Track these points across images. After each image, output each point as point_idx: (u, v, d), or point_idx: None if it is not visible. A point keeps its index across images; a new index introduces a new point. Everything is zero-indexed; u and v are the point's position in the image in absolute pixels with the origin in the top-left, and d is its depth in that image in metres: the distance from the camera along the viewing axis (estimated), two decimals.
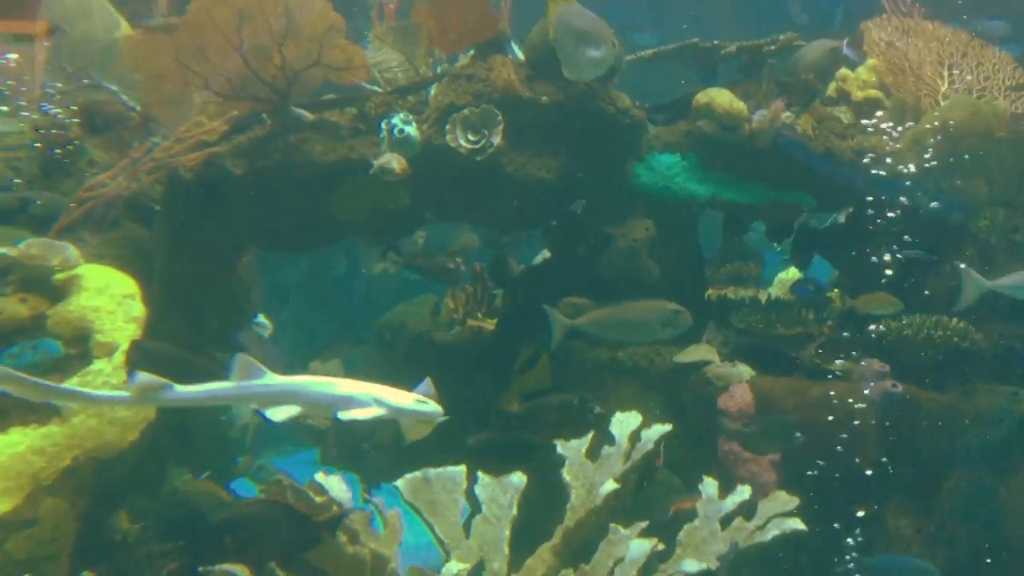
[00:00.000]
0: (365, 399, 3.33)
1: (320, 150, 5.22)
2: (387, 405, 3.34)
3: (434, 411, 3.43)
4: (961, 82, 6.10)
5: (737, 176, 5.70)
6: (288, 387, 3.36)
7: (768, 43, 5.86)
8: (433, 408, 3.43)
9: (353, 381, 3.43)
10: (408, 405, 3.41)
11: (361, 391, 3.37)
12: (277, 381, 3.35)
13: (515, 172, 5.34)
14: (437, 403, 3.47)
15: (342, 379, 3.48)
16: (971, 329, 5.26)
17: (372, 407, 3.32)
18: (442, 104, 5.27)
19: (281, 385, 3.35)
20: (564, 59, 4.44)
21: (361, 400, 3.32)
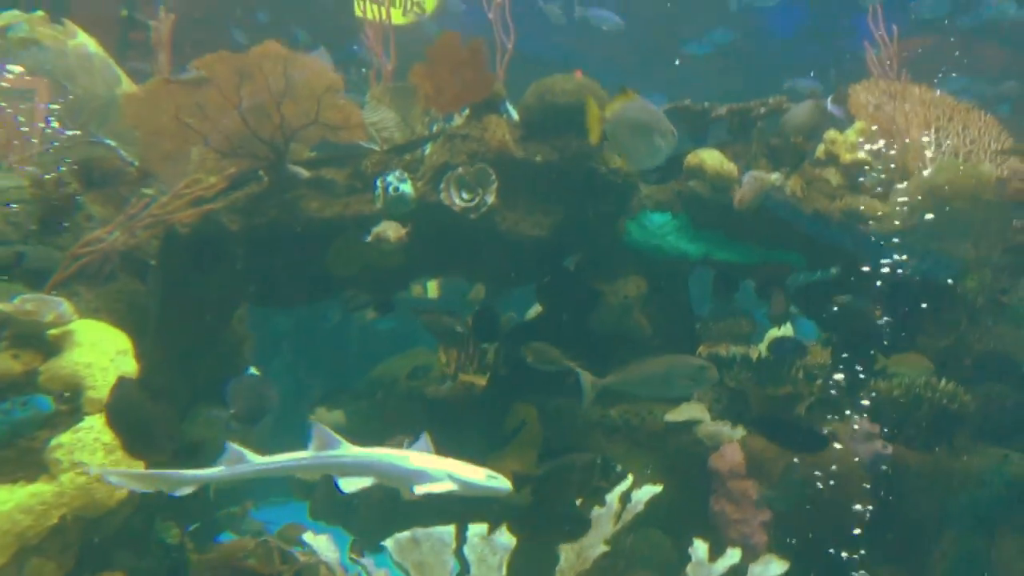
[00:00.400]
0: (439, 475, 3.39)
1: (316, 207, 5.29)
2: (459, 480, 3.40)
3: (503, 487, 3.48)
4: (947, 145, 6.21)
5: (727, 235, 5.77)
6: (363, 460, 3.44)
7: (758, 105, 5.96)
8: (502, 484, 3.48)
9: (423, 455, 3.48)
10: (479, 481, 3.46)
11: (434, 466, 3.42)
12: (353, 453, 3.42)
13: (508, 230, 5.39)
14: (505, 479, 3.52)
15: (413, 452, 3.51)
16: (960, 390, 5.29)
17: (445, 482, 3.38)
18: (437, 163, 5.35)
19: (357, 457, 3.42)
20: (625, 150, 4.54)
21: (435, 475, 3.39)
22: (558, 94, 5.47)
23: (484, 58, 5.47)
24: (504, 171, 5.30)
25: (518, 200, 5.44)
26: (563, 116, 5.45)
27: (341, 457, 3.42)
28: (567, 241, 5.76)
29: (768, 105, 5.98)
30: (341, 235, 5.32)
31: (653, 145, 4.34)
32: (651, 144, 4.34)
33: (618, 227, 5.72)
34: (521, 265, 5.78)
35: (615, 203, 5.70)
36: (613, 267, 5.72)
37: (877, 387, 5.36)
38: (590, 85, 5.57)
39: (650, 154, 4.46)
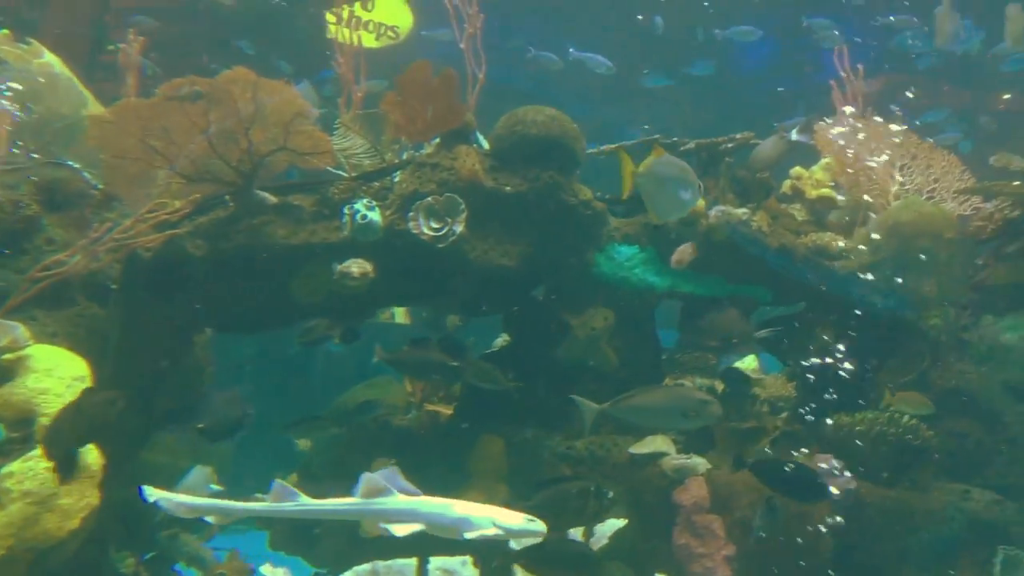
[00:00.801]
0: (483, 521, 3.51)
1: (282, 233, 5.25)
2: (502, 526, 3.52)
3: (540, 529, 3.60)
4: (911, 183, 6.30)
5: (695, 268, 5.79)
6: (410, 508, 3.55)
7: (725, 140, 6.01)
8: (539, 526, 3.59)
9: (465, 503, 3.61)
10: (520, 525, 3.58)
11: (477, 513, 3.56)
12: (400, 502, 3.53)
13: (477, 259, 5.39)
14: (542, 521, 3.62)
15: (455, 500, 3.63)
16: (922, 426, 5.33)
17: (489, 528, 3.50)
18: (406, 191, 5.33)
19: (404, 506, 3.54)
20: (652, 202, 4.66)
21: (479, 522, 3.51)
22: (529, 125, 5.49)
23: (455, 87, 5.48)
24: (474, 201, 5.30)
25: (488, 230, 5.44)
26: (534, 147, 5.49)
27: (389, 506, 3.53)
28: (536, 271, 5.76)
29: (736, 140, 6.03)
30: (307, 262, 5.27)
31: (679, 198, 4.53)
32: (677, 198, 4.52)
33: (587, 259, 5.72)
34: (490, 295, 5.76)
35: (584, 235, 5.71)
36: (581, 298, 5.72)
37: (841, 422, 5.38)
38: (561, 118, 5.60)
39: (676, 207, 4.65)
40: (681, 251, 5.41)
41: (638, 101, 11.06)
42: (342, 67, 5.84)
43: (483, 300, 5.82)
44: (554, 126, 5.53)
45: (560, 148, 5.54)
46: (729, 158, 5.96)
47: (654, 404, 4.91)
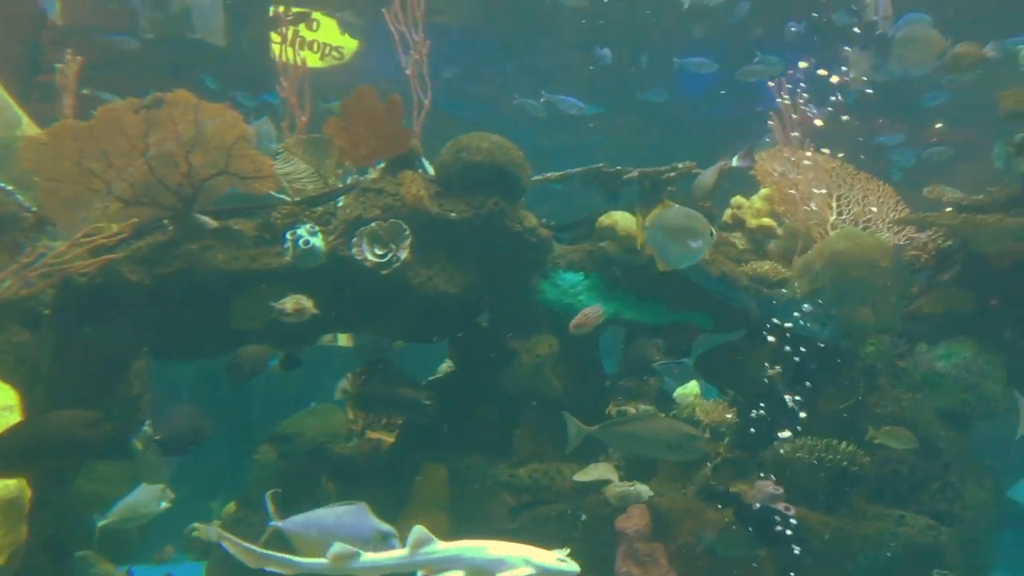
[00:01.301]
0: (517, 561, 3.63)
1: (222, 258, 5.17)
2: (535, 565, 3.62)
3: (573, 570, 3.68)
4: (848, 213, 6.44)
5: (638, 296, 5.84)
6: (452, 555, 3.68)
7: (668, 170, 6.08)
8: (572, 567, 3.68)
9: (499, 543, 3.73)
10: (553, 565, 3.66)
11: (512, 553, 3.68)
12: (442, 550, 3.68)
13: (421, 285, 5.35)
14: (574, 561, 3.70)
15: (489, 541, 3.75)
16: (860, 453, 5.42)
17: (524, 567, 3.61)
18: (350, 216, 5.29)
19: (447, 553, 3.68)
20: (662, 253, 4.72)
21: (513, 562, 3.63)
22: (474, 152, 5.50)
23: (401, 113, 5.47)
24: (419, 227, 5.27)
25: (432, 256, 5.42)
26: (479, 174, 5.49)
27: (434, 555, 3.67)
28: (481, 298, 5.76)
29: (678, 170, 6.10)
30: (248, 288, 5.19)
31: (688, 247, 4.61)
32: (686, 246, 4.61)
33: (532, 285, 5.73)
34: (434, 321, 5.73)
35: (529, 261, 5.72)
36: (526, 325, 5.72)
37: (781, 448, 5.45)
38: (507, 145, 5.62)
39: (685, 256, 4.72)
40: (584, 315, 5.40)
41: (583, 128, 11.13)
42: (286, 90, 5.79)
43: (427, 326, 5.78)
44: (499, 153, 5.55)
45: (505, 175, 5.55)
46: (671, 187, 6.03)
47: (642, 433, 4.97)
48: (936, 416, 5.86)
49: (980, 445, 6.18)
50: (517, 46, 11.31)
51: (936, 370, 5.85)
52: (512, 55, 11.42)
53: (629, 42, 11.05)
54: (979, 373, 5.79)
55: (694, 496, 5.42)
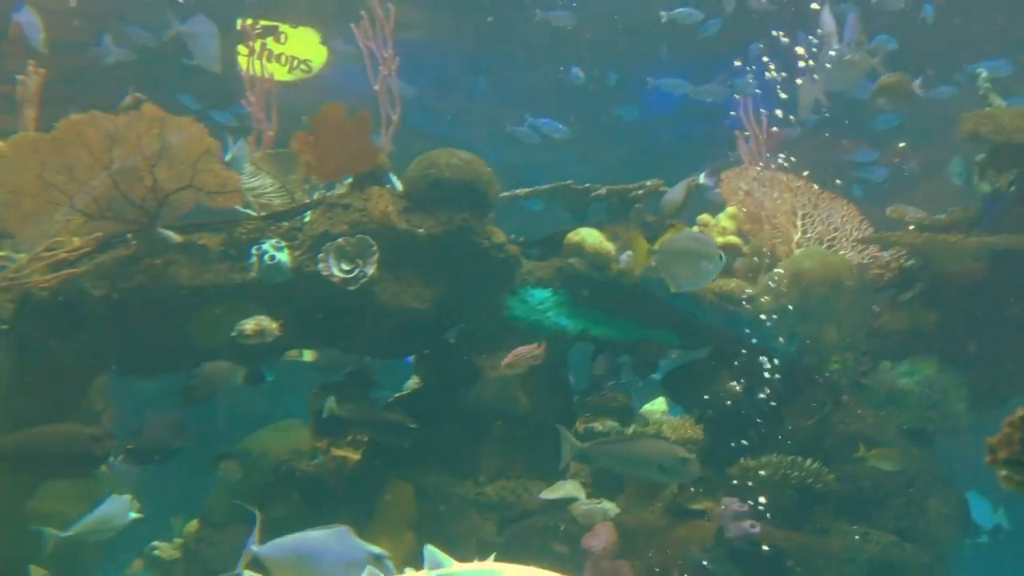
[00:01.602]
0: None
1: (186, 273, 5.12)
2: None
3: None
4: (813, 232, 6.51)
5: (605, 312, 5.85)
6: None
7: (636, 187, 6.11)
8: None
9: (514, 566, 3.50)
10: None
11: None
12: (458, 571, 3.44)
13: (388, 302, 5.33)
14: None
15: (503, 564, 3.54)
16: (824, 470, 5.45)
17: None
18: (317, 232, 5.25)
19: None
20: (673, 275, 4.74)
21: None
22: (443, 168, 5.49)
23: (369, 129, 5.45)
24: (386, 243, 5.25)
25: (400, 272, 5.40)
26: (448, 190, 5.48)
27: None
28: (448, 314, 5.74)
29: (646, 188, 6.14)
30: (212, 303, 5.14)
31: (700, 269, 4.66)
32: (698, 268, 4.65)
33: (499, 302, 5.73)
34: (401, 337, 5.70)
35: (497, 278, 5.72)
36: (494, 342, 5.71)
37: (746, 465, 5.47)
38: (475, 161, 5.62)
39: (697, 278, 4.78)
40: (516, 354, 5.34)
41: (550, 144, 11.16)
42: (253, 104, 5.75)
43: (394, 343, 5.75)
44: (468, 169, 5.55)
45: (474, 191, 5.55)
46: (639, 204, 6.06)
47: (634, 453, 4.96)
48: (899, 433, 5.92)
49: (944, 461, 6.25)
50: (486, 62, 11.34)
51: (900, 387, 5.91)
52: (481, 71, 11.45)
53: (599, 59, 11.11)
54: (942, 390, 5.86)
55: (661, 513, 5.43)
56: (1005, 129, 5.69)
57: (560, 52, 10.75)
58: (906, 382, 5.93)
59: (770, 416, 5.74)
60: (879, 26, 8.35)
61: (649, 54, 10.76)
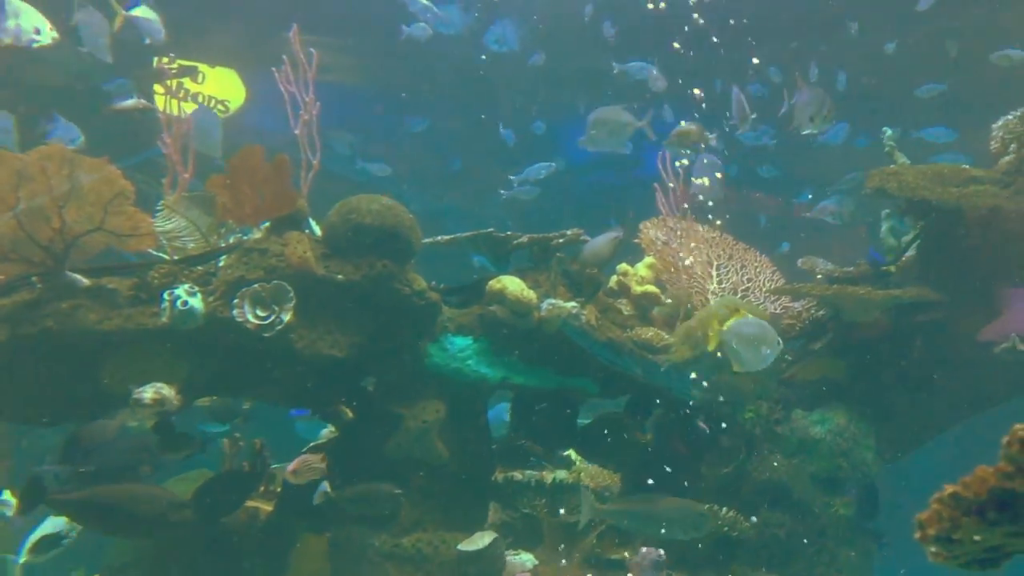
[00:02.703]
0: None
1: (93, 318, 4.93)
2: None
3: None
4: (727, 282, 6.65)
5: (527, 360, 5.85)
6: None
7: (557, 236, 6.16)
8: None
9: None
10: None
11: None
12: None
13: (304, 349, 5.22)
14: None
15: None
16: (740, 518, 5.52)
17: None
18: (231, 277, 5.14)
19: None
20: (737, 358, 5.12)
21: None
22: (364, 213, 5.44)
23: (288, 173, 5.39)
24: (304, 289, 5.17)
25: (317, 319, 5.31)
26: (368, 236, 5.43)
27: None
28: (367, 362, 5.65)
29: (567, 236, 6.19)
30: (121, 350, 4.97)
31: (760, 354, 5.02)
32: (758, 353, 5.02)
33: (419, 349, 5.67)
34: (317, 386, 5.59)
35: (417, 325, 5.67)
36: (413, 390, 5.65)
37: None
38: (396, 207, 5.59)
39: (757, 361, 5.08)
40: (303, 460, 5.26)
41: (472, 189, 11.25)
42: (168, 146, 5.62)
43: (311, 391, 5.63)
44: (389, 215, 5.51)
45: (395, 237, 5.51)
46: (560, 253, 6.11)
47: (651, 511, 5.11)
48: (811, 481, 6.03)
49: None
50: (409, 107, 11.40)
51: (811, 436, 6.05)
52: (404, 116, 11.50)
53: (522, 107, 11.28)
54: (852, 439, 6.02)
55: (580, 564, 5.40)
56: (909, 186, 5.94)
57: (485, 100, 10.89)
58: (817, 431, 6.07)
59: (687, 464, 5.79)
60: None
61: (571, 107, 10.97)
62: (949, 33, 10.22)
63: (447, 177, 11.02)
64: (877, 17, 10.15)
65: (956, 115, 9.74)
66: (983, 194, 5.77)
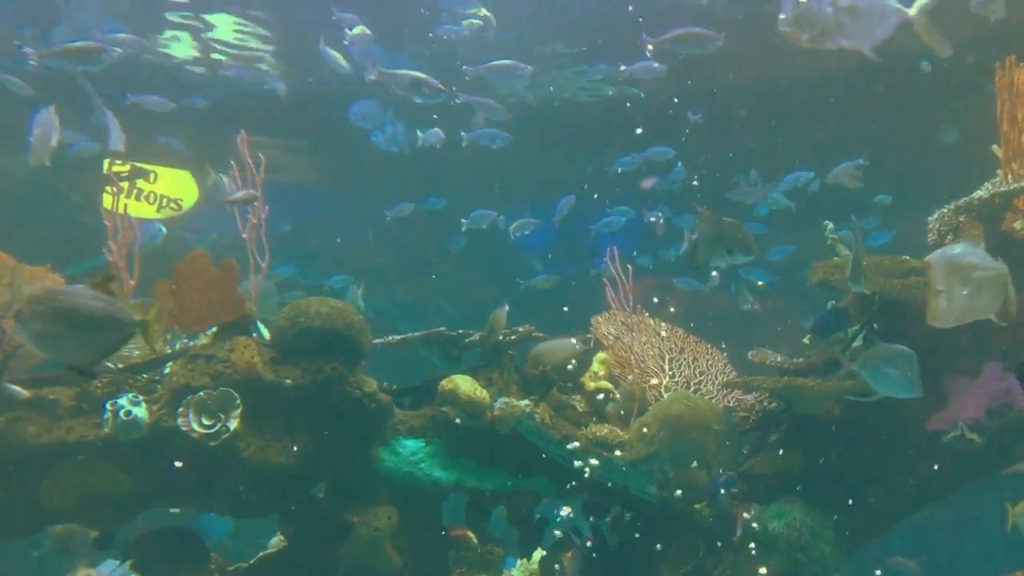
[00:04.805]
0: None
1: (32, 431, 4.81)
2: None
3: None
4: (680, 375, 6.66)
5: (480, 462, 5.77)
6: None
7: (509, 333, 6.15)
8: None
9: None
10: None
11: None
12: None
13: (252, 457, 5.12)
14: None
15: None
16: None
17: None
18: (177, 385, 5.04)
19: None
20: (878, 381, 5.03)
21: None
22: (313, 316, 5.41)
23: (235, 277, 5.35)
24: (251, 394, 5.09)
25: (265, 425, 5.21)
26: (317, 339, 5.39)
27: None
28: (316, 468, 5.53)
29: (519, 333, 6.19)
30: (60, 463, 4.82)
31: (903, 376, 4.95)
32: (901, 375, 4.96)
33: (371, 453, 5.58)
34: (264, 494, 5.44)
35: (368, 429, 5.59)
36: (364, 496, 5.54)
37: None
38: (346, 309, 5.57)
39: (900, 384, 5.00)
40: None
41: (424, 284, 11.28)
42: (114, 253, 5.55)
43: (257, 499, 5.48)
44: (338, 318, 5.48)
45: (344, 340, 5.48)
46: (512, 351, 6.09)
47: None
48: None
49: None
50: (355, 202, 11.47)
51: (769, 531, 5.98)
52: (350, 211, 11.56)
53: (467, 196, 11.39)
54: (809, 533, 5.95)
55: None
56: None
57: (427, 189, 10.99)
58: (775, 525, 6.00)
59: (646, 563, 5.69)
60: None
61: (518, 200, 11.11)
62: None
63: (397, 273, 11.04)
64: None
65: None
66: (923, 284, 5.88)
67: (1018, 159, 6.20)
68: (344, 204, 11.57)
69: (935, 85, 9.55)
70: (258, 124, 6.96)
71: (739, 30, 8.20)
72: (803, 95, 10.13)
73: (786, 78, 9.85)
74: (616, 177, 9.91)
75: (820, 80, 9.77)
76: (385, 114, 10.28)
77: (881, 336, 6.11)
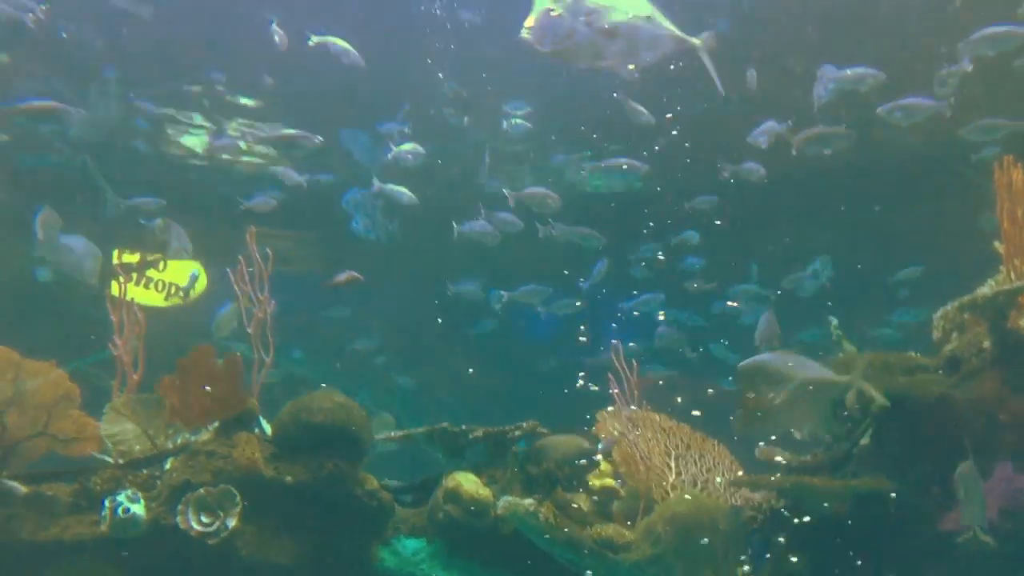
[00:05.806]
0: None
1: (29, 529, 4.75)
2: None
3: None
4: (686, 472, 6.57)
5: (483, 563, 5.66)
6: None
7: (513, 429, 6.11)
8: None
9: None
10: None
11: None
12: None
13: (250, 556, 5.04)
14: None
15: None
16: None
17: None
18: (176, 481, 5.00)
19: None
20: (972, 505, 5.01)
21: None
22: (315, 412, 5.39)
23: (239, 373, 5.36)
24: (251, 492, 5.04)
25: (264, 523, 5.15)
26: (319, 435, 5.36)
27: None
28: (315, 567, 5.42)
29: (523, 428, 6.14)
30: (56, 562, 4.74)
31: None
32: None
33: (371, 553, 5.48)
34: None
35: (368, 527, 5.51)
36: None
37: None
38: (349, 405, 5.55)
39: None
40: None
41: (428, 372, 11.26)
42: (119, 348, 5.57)
43: None
44: (340, 413, 5.46)
45: (346, 436, 5.45)
46: (515, 447, 6.04)
47: None
48: None
49: None
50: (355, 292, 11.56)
51: None
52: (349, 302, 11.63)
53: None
54: None
55: None
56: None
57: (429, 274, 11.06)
58: None
59: None
60: None
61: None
62: None
63: (402, 360, 11.04)
64: None
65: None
66: (930, 382, 5.85)
67: (1020, 256, 6.23)
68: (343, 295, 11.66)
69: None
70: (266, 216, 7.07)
71: None
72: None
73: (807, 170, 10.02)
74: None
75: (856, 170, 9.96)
76: (376, 203, 10.45)
77: (891, 434, 6.07)
